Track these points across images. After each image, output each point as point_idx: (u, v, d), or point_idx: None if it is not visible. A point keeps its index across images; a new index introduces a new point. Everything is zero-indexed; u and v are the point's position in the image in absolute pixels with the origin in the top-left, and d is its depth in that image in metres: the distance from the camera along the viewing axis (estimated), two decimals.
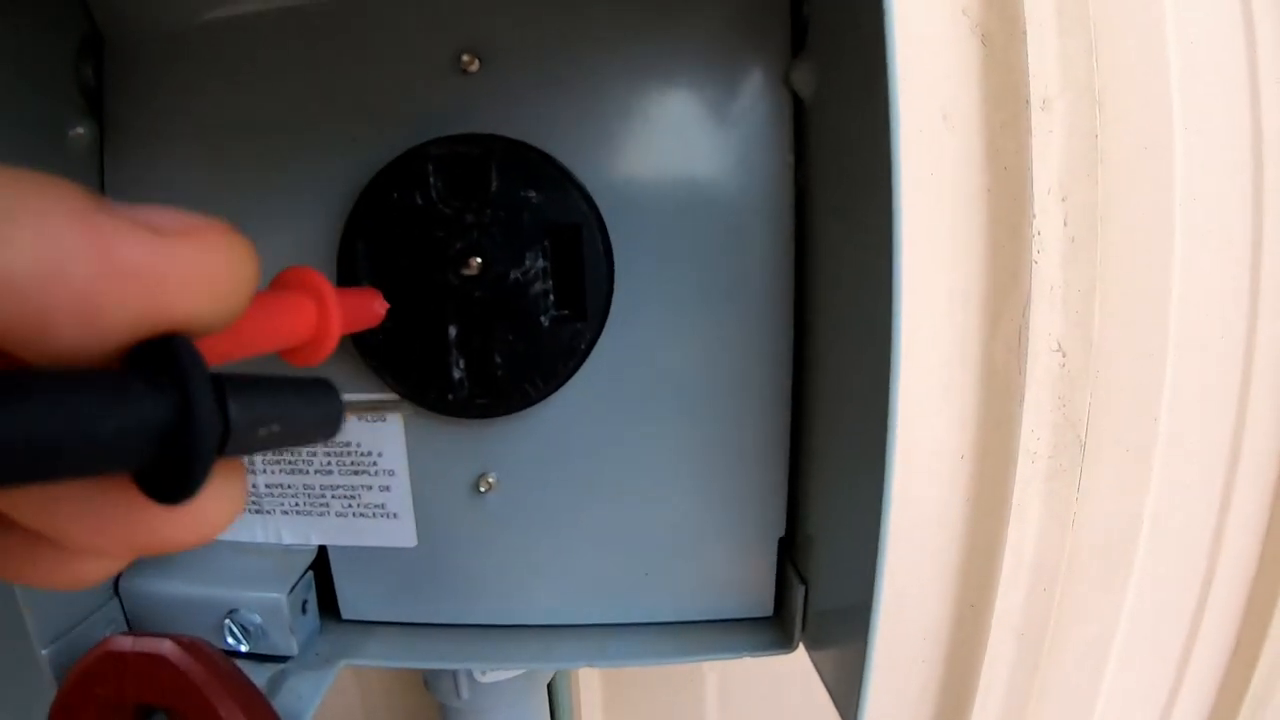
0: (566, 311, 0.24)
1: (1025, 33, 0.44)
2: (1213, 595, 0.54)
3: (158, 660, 0.25)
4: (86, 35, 0.26)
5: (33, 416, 0.08)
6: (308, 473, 0.26)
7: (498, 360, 0.24)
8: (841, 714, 0.24)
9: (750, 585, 0.28)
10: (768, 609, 0.28)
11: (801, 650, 0.50)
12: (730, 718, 0.52)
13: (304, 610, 0.29)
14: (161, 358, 0.10)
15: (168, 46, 0.26)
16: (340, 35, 0.25)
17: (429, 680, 0.35)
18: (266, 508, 0.28)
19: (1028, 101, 0.45)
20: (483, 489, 0.26)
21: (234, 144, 0.26)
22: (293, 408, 0.13)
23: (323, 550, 0.29)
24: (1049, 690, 0.54)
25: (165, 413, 0.10)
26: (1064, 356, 0.48)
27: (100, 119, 0.26)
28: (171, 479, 0.10)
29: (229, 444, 0.11)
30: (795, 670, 0.52)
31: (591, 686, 0.50)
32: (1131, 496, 0.51)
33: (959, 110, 0.45)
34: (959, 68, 0.45)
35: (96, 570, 0.11)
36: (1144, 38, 0.46)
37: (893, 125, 0.19)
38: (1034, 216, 0.46)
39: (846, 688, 0.23)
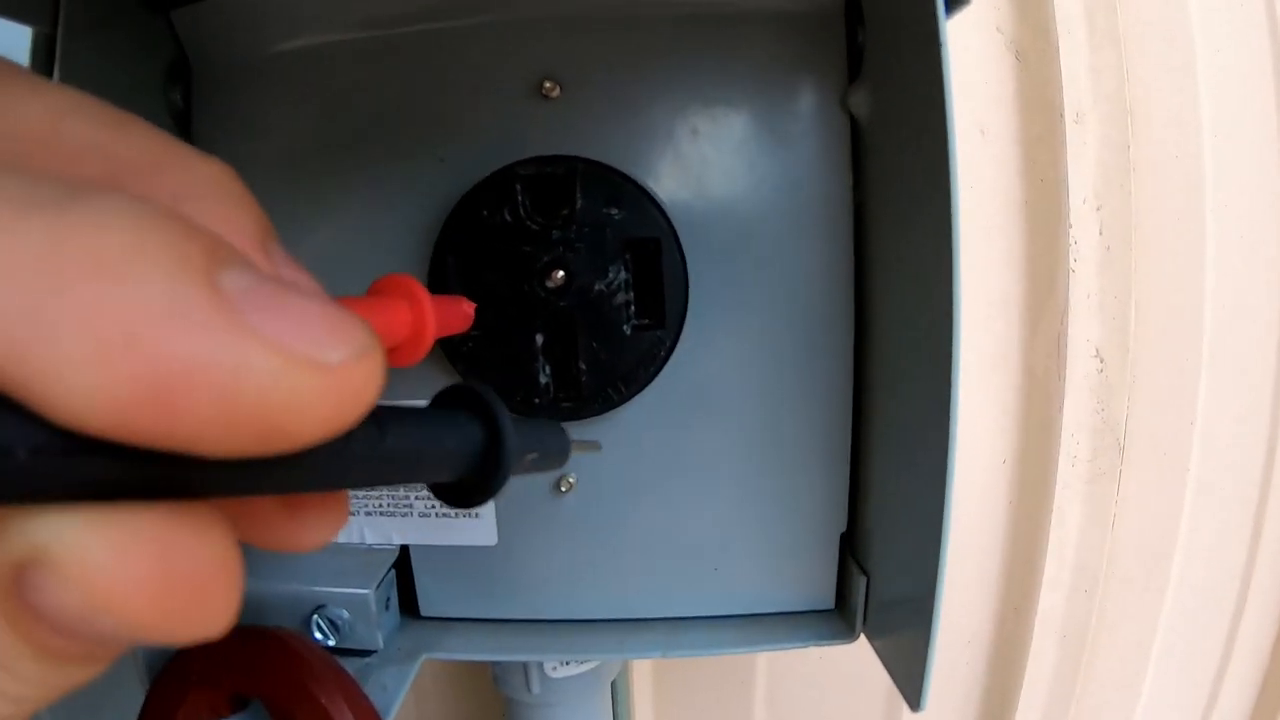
0: (647, 321, 0.26)
1: (1058, 48, 0.46)
2: (1251, 594, 0.54)
3: (261, 647, 0.27)
4: (174, 60, 0.28)
5: (409, 435, 0.12)
6: None
7: (582, 366, 0.25)
8: (905, 696, 0.25)
9: (813, 579, 0.29)
10: (829, 602, 0.30)
11: (847, 655, 0.51)
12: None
13: (387, 606, 0.31)
14: (472, 399, 0.13)
15: (253, 72, 0.28)
16: (428, 63, 0.27)
17: (498, 676, 0.36)
18: (350, 509, 0.29)
19: (1061, 115, 0.46)
20: (563, 489, 0.28)
21: (322, 164, 0.28)
22: (544, 442, 0.16)
23: (402, 550, 0.31)
24: (1091, 690, 0.55)
25: (480, 439, 0.13)
26: (1102, 362, 0.49)
27: (189, 140, 0.28)
28: (476, 488, 0.13)
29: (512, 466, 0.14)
30: (839, 674, 0.53)
31: (644, 691, 0.51)
32: (1169, 498, 0.52)
33: (996, 124, 0.46)
34: (995, 83, 0.46)
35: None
36: (1172, 50, 0.47)
37: (950, 147, 0.21)
38: (1070, 226, 0.47)
39: (909, 671, 0.25)
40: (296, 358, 0.08)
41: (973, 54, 0.46)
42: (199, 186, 0.11)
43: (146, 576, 0.08)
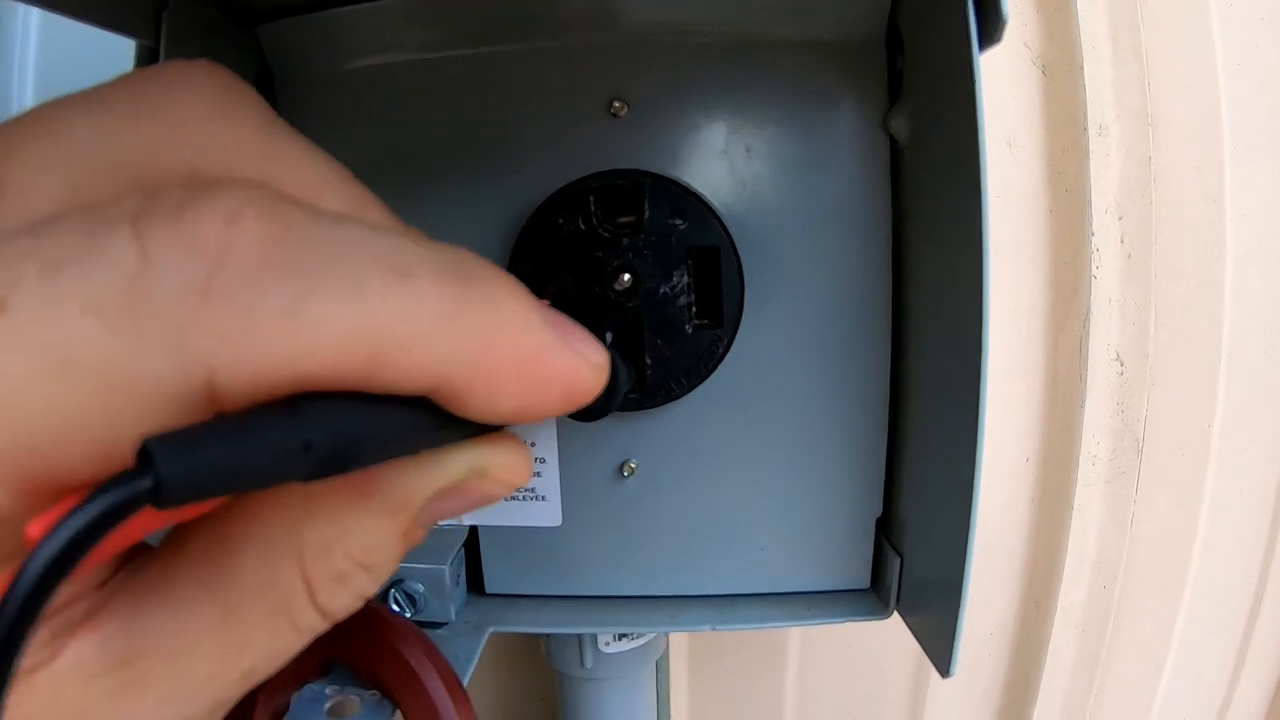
0: (706, 321, 0.28)
1: (1083, 63, 0.48)
2: (1267, 591, 0.56)
3: (358, 614, 0.29)
4: (259, 72, 0.31)
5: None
6: None
7: (648, 362, 0.28)
8: (936, 665, 0.27)
9: (850, 560, 0.32)
10: (865, 582, 0.32)
11: (874, 639, 0.53)
12: (807, 708, 0.56)
13: (457, 583, 0.33)
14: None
15: (333, 86, 0.31)
16: (504, 82, 0.29)
17: (552, 651, 0.38)
18: None
19: (1085, 127, 0.48)
20: (625, 474, 0.30)
21: (400, 174, 0.30)
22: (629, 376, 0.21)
23: (470, 533, 0.33)
24: (1109, 684, 0.57)
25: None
26: (1122, 366, 0.51)
27: None
28: (603, 405, 0.19)
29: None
30: (867, 656, 0.55)
31: (679, 671, 0.54)
32: (1187, 498, 0.54)
33: (1023, 136, 0.48)
34: (1022, 97, 0.48)
35: None
36: (1193, 65, 0.49)
37: (982, 171, 0.23)
38: (1093, 234, 0.49)
39: (939, 643, 0.27)
40: (596, 364, 0.15)
41: (1001, 69, 0.48)
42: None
43: (526, 469, 0.16)
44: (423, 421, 0.13)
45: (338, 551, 0.14)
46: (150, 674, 0.13)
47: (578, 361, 0.14)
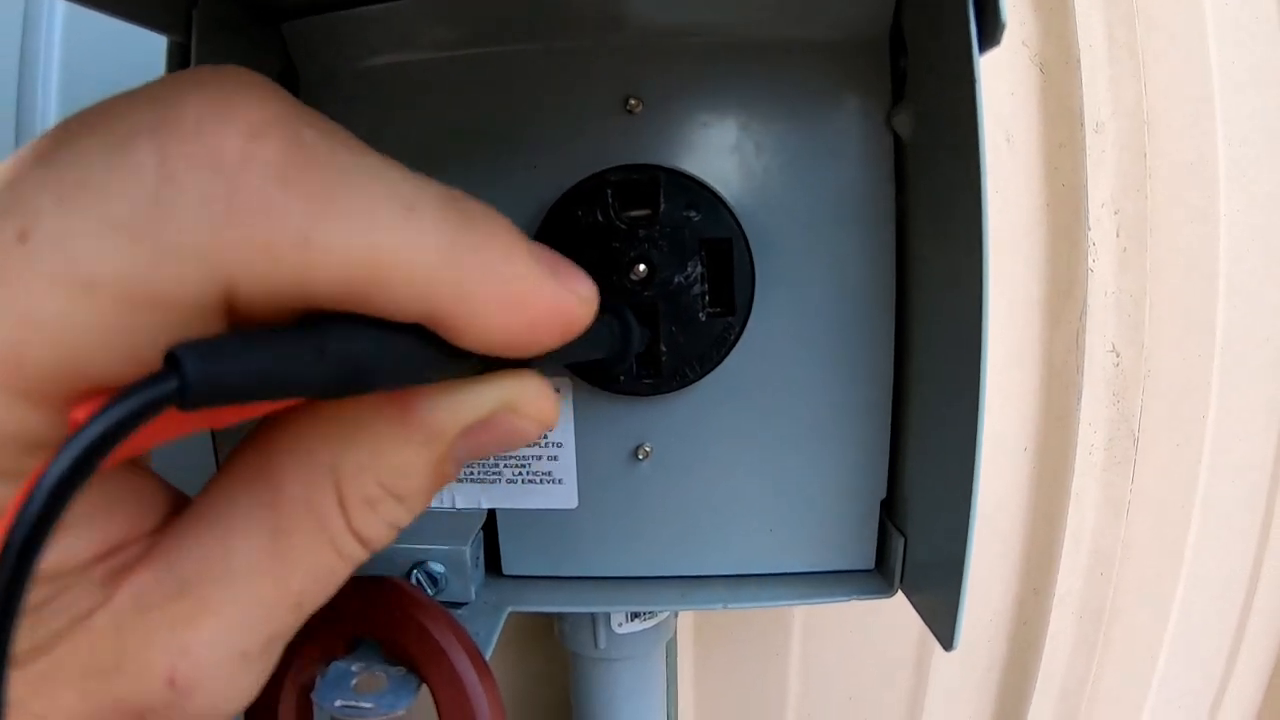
0: (718, 309, 0.29)
1: (1080, 61, 0.49)
2: (1262, 578, 0.57)
3: (378, 592, 0.30)
4: (284, 69, 0.32)
5: (599, 323, 0.18)
6: None
7: (663, 348, 0.29)
8: (940, 639, 0.28)
9: (856, 541, 0.33)
10: (870, 562, 0.33)
11: (877, 623, 0.54)
12: (811, 691, 0.57)
13: (476, 564, 0.34)
14: (614, 308, 0.20)
15: (356, 82, 0.31)
16: (521, 79, 0.30)
17: (565, 632, 0.40)
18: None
19: (1082, 124, 0.49)
20: (640, 457, 0.31)
21: (421, 169, 0.31)
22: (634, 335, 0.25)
23: (487, 516, 0.34)
24: (1106, 669, 0.58)
25: (617, 328, 0.21)
26: (1118, 357, 0.52)
27: None
28: (612, 361, 0.21)
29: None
30: (869, 640, 0.56)
31: (685, 652, 0.55)
32: (1182, 487, 0.55)
33: (1020, 132, 0.50)
34: (1020, 94, 0.49)
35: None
36: (1188, 62, 0.50)
37: (981, 167, 0.24)
38: (1089, 229, 0.50)
39: (944, 621, 0.28)
40: (584, 298, 0.16)
41: (1000, 67, 0.49)
42: None
43: (554, 406, 0.17)
44: (429, 350, 0.14)
45: (369, 475, 0.15)
46: (207, 600, 0.14)
47: (564, 294, 0.15)
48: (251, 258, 0.12)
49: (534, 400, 0.17)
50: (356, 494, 0.15)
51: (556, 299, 0.15)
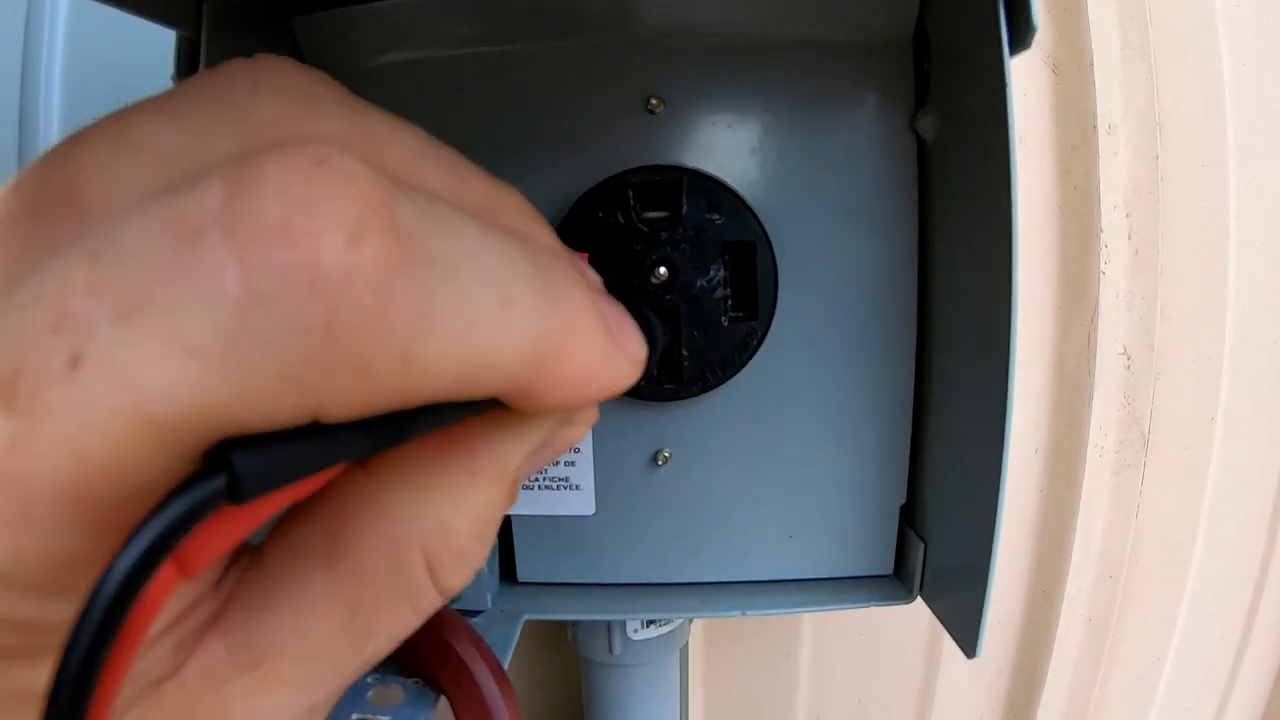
0: (741, 313, 0.29)
1: (1092, 63, 0.49)
2: (1269, 581, 0.57)
3: None
4: None
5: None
6: None
7: (684, 353, 0.28)
8: (962, 647, 0.28)
9: (875, 546, 0.32)
10: (889, 567, 0.33)
11: (886, 628, 0.54)
12: (820, 693, 0.57)
13: (492, 571, 0.34)
14: (648, 322, 0.19)
15: (371, 79, 0.31)
16: (542, 78, 0.30)
17: (579, 638, 0.39)
18: None
19: (1095, 126, 0.49)
20: (659, 463, 0.31)
21: None
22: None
23: (502, 522, 0.34)
24: (1114, 671, 0.58)
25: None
26: (1129, 360, 0.52)
27: None
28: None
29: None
30: (879, 645, 0.56)
31: (695, 660, 0.55)
32: (1191, 490, 0.55)
33: (1033, 135, 0.49)
34: (1033, 96, 0.49)
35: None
36: (1200, 65, 0.50)
37: (1012, 170, 0.24)
38: (1101, 231, 0.50)
39: (966, 628, 0.28)
40: (636, 361, 0.15)
41: (1014, 69, 0.48)
42: (517, 217, 0.15)
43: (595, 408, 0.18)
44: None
45: (458, 531, 0.15)
46: (283, 674, 0.14)
47: (625, 365, 0.15)
48: (347, 383, 0.10)
49: (584, 409, 0.17)
50: (448, 553, 0.15)
51: (619, 371, 0.15)
